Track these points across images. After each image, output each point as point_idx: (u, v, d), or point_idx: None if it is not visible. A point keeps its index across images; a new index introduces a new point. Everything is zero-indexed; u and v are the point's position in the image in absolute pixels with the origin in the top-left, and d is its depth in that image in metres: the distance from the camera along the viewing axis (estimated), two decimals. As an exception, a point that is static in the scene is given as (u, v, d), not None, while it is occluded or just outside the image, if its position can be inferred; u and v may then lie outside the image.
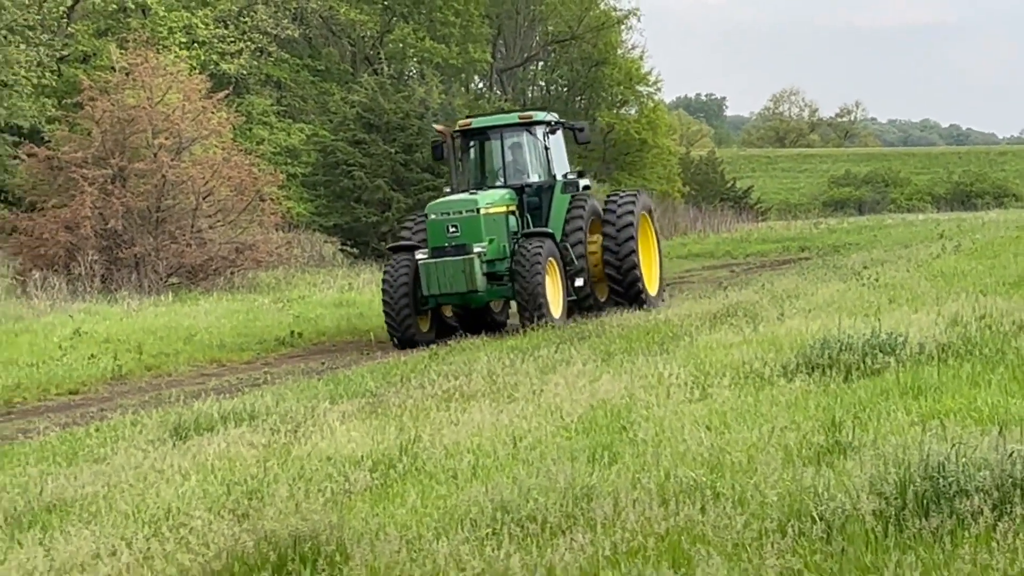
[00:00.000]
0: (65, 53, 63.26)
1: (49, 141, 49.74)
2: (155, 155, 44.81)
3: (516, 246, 28.45)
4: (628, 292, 29.81)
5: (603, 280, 30.67)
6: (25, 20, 59.44)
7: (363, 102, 57.92)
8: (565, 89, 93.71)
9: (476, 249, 27.61)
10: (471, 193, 29.02)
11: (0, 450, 18.29)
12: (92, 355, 28.98)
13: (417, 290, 28.06)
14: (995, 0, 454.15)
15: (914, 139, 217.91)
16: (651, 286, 31.03)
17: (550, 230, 29.36)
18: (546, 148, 30.38)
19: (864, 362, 16.17)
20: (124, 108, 45.24)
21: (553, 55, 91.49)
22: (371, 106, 56.65)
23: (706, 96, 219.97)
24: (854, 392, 14.71)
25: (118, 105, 45.31)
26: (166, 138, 45.24)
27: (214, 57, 65.64)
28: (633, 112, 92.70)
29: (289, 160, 62.64)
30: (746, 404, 14.73)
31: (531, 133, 30.46)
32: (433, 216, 28.32)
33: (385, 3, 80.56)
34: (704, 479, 10.97)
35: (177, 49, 61.16)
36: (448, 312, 29.28)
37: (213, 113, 48.06)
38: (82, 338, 31.18)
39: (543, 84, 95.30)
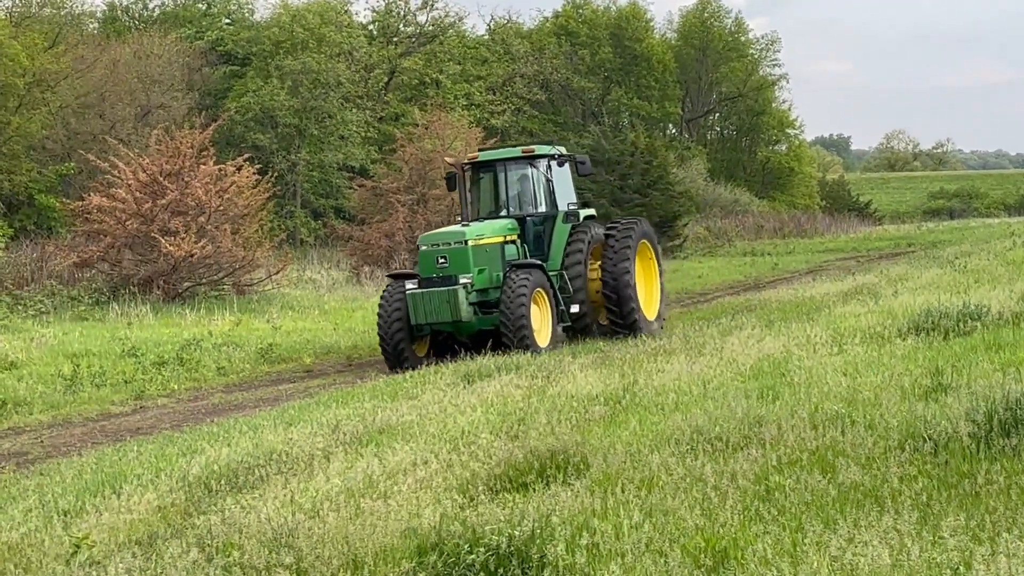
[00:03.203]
0: (383, 114, 64.27)
1: (373, 176, 50.53)
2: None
3: (504, 277, 22.23)
4: (624, 319, 23.42)
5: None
6: (356, 92, 60.58)
7: (591, 144, 57.93)
8: (734, 132, 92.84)
9: (462, 280, 21.75)
10: (463, 224, 22.94)
11: (345, 391, 18.65)
12: (405, 325, 29.31)
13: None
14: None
15: (990, 164, 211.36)
16: (649, 312, 24.44)
17: (538, 261, 22.79)
18: (548, 180, 23.98)
19: (958, 326, 15.82)
20: (424, 152, 45.70)
21: (725, 108, 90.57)
22: (596, 147, 56.65)
23: (836, 135, 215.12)
24: (951, 348, 14.40)
25: (420, 150, 45.79)
26: (454, 172, 45.61)
27: (486, 115, 66.27)
28: (783, 148, 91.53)
29: (539, 186, 62.86)
30: (872, 357, 14.50)
31: (534, 166, 23.92)
32: (424, 247, 22.36)
33: (605, 74, 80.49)
34: (843, 410, 10.82)
35: (460, 109, 61.81)
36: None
37: (486, 154, 48.30)
38: (398, 313, 31.55)
39: (718, 129, 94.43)
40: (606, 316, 23.91)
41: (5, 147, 46.68)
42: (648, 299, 24.67)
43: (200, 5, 69.52)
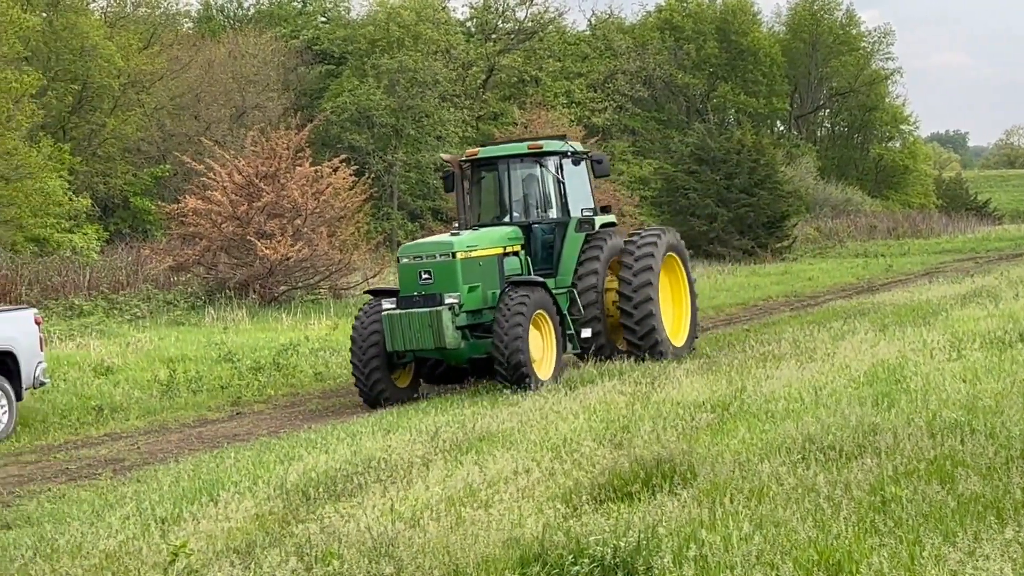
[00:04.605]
0: (481, 113, 64.47)
1: (471, 177, 50.63)
2: (546, 185, 45.25)
3: (500, 296, 19.08)
4: (644, 342, 20.42)
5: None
6: (454, 91, 60.83)
7: (695, 143, 57.83)
8: (846, 129, 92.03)
9: (448, 300, 18.58)
10: (453, 233, 19.90)
11: (444, 397, 18.77)
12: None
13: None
14: None
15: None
16: (676, 336, 21.43)
17: (540, 278, 19.56)
18: (559, 181, 20.94)
19: (1084, 330, 15.59)
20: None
21: (836, 104, 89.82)
22: (701, 145, 56.52)
23: (953, 131, 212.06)
24: (1077, 353, 14.19)
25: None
26: (554, 172, 45.62)
27: (587, 113, 66.26)
28: (898, 145, 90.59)
29: (641, 186, 62.67)
30: (992, 362, 14.32)
31: (543, 165, 20.89)
32: (405, 260, 19.30)
33: (710, 69, 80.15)
34: (962, 419, 10.71)
35: (560, 107, 61.85)
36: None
37: (587, 153, 48.32)
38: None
39: (828, 126, 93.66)
40: (624, 338, 21.11)
41: (100, 149, 47.56)
42: (676, 322, 21.92)
43: (295, 3, 70.28)
